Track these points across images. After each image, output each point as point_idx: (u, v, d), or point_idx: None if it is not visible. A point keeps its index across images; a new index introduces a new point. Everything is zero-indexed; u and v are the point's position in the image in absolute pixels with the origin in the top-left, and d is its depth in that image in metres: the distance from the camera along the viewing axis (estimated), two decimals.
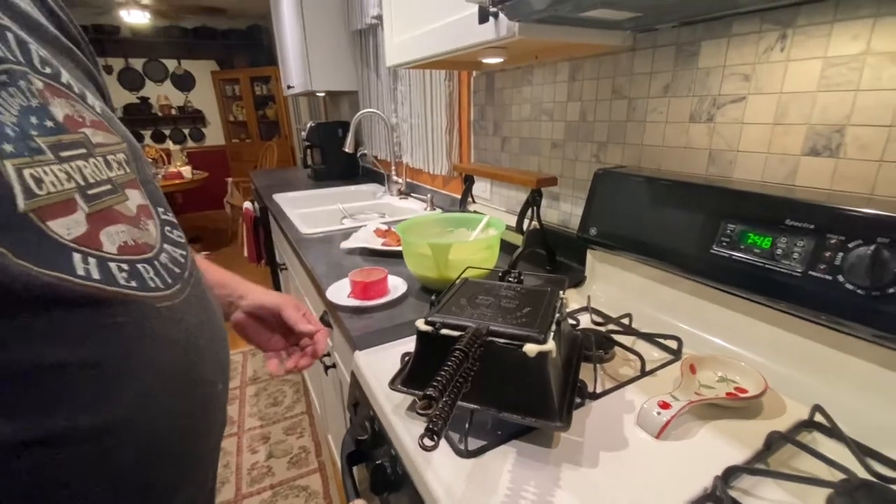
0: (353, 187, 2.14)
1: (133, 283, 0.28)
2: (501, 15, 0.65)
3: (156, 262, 0.31)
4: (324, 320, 1.03)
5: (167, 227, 0.35)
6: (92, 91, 0.34)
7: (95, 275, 0.26)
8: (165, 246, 0.33)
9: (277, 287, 2.39)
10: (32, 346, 0.23)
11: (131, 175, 0.33)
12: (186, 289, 0.34)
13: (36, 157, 0.25)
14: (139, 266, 0.29)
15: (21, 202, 0.23)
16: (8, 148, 0.24)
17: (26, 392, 0.23)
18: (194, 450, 0.34)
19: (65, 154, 0.27)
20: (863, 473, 0.42)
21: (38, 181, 0.25)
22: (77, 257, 0.25)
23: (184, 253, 0.36)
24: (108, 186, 0.30)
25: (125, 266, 0.28)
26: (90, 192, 0.28)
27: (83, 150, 0.29)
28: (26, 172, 0.24)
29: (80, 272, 0.25)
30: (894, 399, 0.49)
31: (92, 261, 0.26)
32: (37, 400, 0.23)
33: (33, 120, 0.26)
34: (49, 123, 0.27)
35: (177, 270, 0.33)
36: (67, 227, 0.26)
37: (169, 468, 0.31)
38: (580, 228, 0.85)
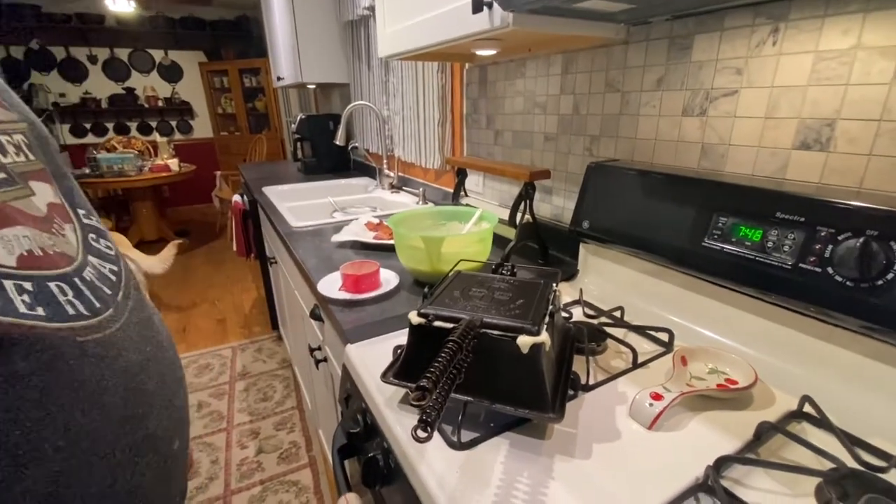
0: (343, 181, 2.12)
1: (40, 311, 0.20)
2: (495, 5, 0.65)
3: (76, 280, 0.23)
4: (314, 314, 1.02)
5: (91, 235, 0.27)
6: None
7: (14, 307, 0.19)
8: (90, 258, 0.25)
9: (268, 282, 2.37)
10: None
11: (36, 164, 0.25)
12: (122, 315, 0.25)
13: None
14: (51, 285, 0.21)
15: None
16: None
17: None
18: (158, 481, 0.27)
19: None
20: (851, 463, 0.43)
21: None
22: (17, 275, 0.19)
23: (115, 268, 0.27)
24: (3, 175, 0.22)
25: (28, 286, 0.20)
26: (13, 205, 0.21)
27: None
28: None
29: (20, 292, 0.19)
30: (881, 389, 0.49)
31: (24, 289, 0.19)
32: None
33: None
34: None
35: (107, 291, 0.25)
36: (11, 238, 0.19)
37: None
38: (573, 222, 0.85)
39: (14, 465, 0.18)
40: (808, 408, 0.51)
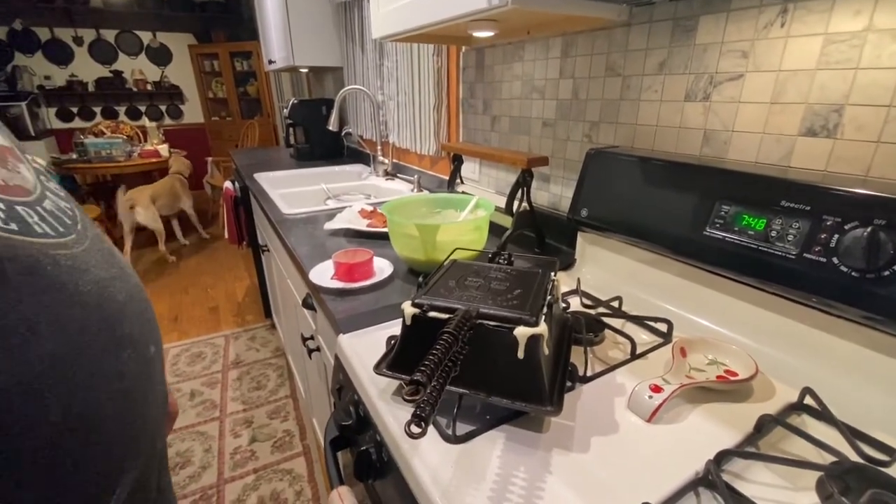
0: (337, 167, 2.08)
1: (13, 226, 0.23)
2: None
3: (38, 208, 0.25)
4: (307, 303, 1.00)
5: (42, 177, 0.29)
6: None
7: None
8: (47, 194, 0.28)
9: (260, 269, 2.34)
10: None
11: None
12: (85, 241, 0.28)
13: None
14: (18, 209, 0.24)
15: None
16: None
17: None
18: (133, 421, 0.29)
19: None
20: (853, 456, 0.42)
21: None
22: None
23: (69, 206, 0.29)
24: None
25: (1, 206, 0.23)
26: None
27: None
28: None
29: None
30: (884, 382, 0.49)
31: None
32: None
33: None
34: None
35: (67, 221, 0.28)
36: None
37: (107, 442, 0.27)
38: (571, 210, 0.83)
39: (20, 339, 0.21)
40: (809, 400, 0.50)
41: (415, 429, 0.33)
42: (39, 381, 0.22)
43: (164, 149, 3.76)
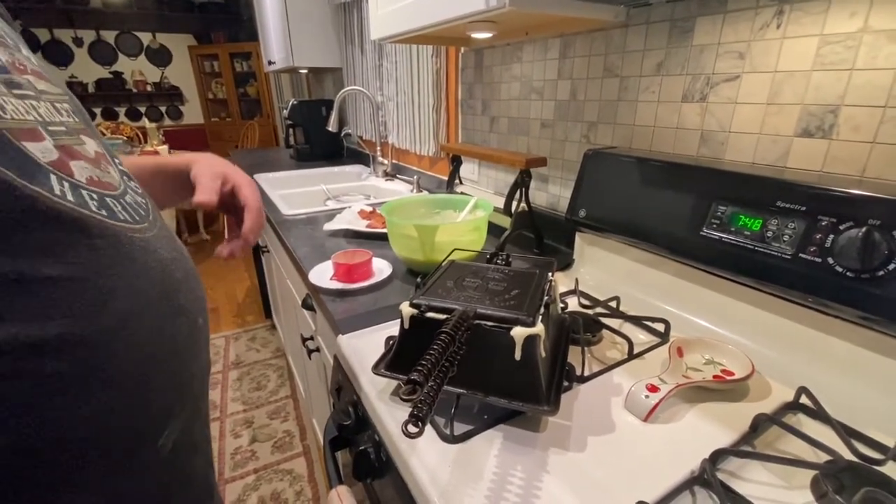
0: (336, 168, 2.08)
1: (103, 212, 0.28)
2: None
3: (122, 201, 0.31)
4: (306, 303, 1.01)
5: (125, 177, 0.35)
6: (25, 47, 0.33)
7: (70, 197, 0.26)
8: (128, 190, 0.33)
9: (260, 270, 2.35)
10: (16, 258, 0.23)
11: (81, 125, 0.32)
12: (154, 228, 0.34)
13: None
14: (107, 199, 0.30)
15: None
16: None
17: (13, 301, 0.23)
18: (182, 374, 0.34)
19: (17, 92, 0.27)
20: (848, 455, 0.43)
21: (2, 107, 0.25)
22: (53, 178, 0.25)
23: (144, 201, 0.35)
24: (63, 128, 0.29)
25: (95, 196, 0.28)
26: (49, 128, 0.28)
27: (32, 93, 0.28)
28: None
29: (57, 192, 0.25)
30: (879, 381, 0.49)
31: (66, 184, 0.26)
32: (26, 309, 0.23)
33: None
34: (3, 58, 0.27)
35: (142, 212, 0.33)
36: (41, 151, 0.26)
37: (161, 387, 0.32)
38: (569, 210, 0.84)
39: (105, 296, 0.27)
40: (804, 399, 0.50)
41: (412, 428, 0.33)
42: (115, 331, 0.27)
43: (164, 150, 3.76)
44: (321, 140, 2.29)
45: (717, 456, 0.43)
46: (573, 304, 0.76)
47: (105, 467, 0.28)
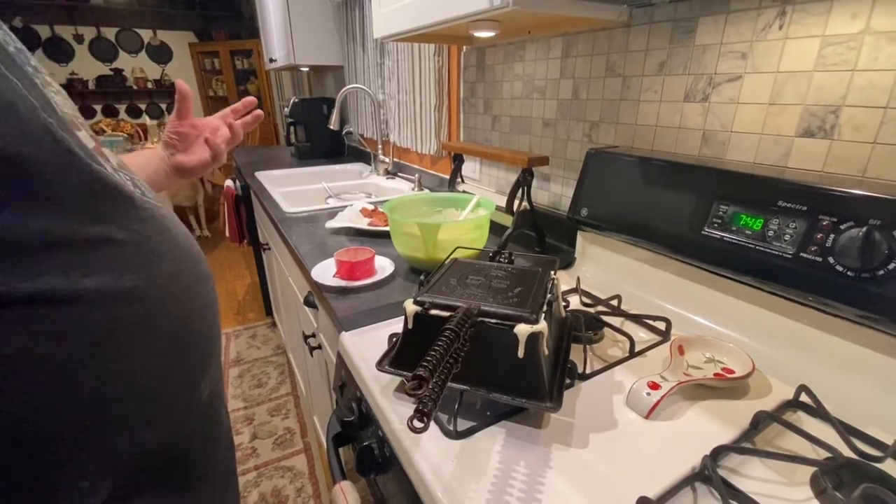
0: (338, 166, 2.09)
1: (137, 190, 0.32)
2: None
3: (140, 183, 0.35)
4: (308, 301, 1.01)
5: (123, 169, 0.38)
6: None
7: (116, 176, 0.30)
8: (134, 178, 0.36)
9: (261, 267, 2.35)
10: (95, 223, 0.27)
11: (79, 120, 0.35)
12: (161, 208, 0.37)
13: (46, 84, 0.28)
14: (136, 179, 0.34)
15: (57, 108, 0.27)
16: (30, 70, 0.27)
17: (99, 258, 0.27)
18: (212, 330, 0.39)
19: (50, 89, 0.29)
20: (847, 452, 0.43)
21: (54, 101, 0.28)
22: (101, 159, 0.29)
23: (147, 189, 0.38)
24: (81, 121, 0.32)
25: (127, 177, 0.32)
26: (77, 120, 0.30)
27: (54, 88, 0.31)
28: (48, 91, 0.28)
29: (108, 170, 0.29)
30: (878, 379, 0.49)
31: (108, 165, 0.30)
32: (107, 265, 0.27)
33: (23, 58, 0.28)
34: (33, 63, 0.30)
35: (151, 193, 0.36)
36: (84, 139, 0.29)
37: (198, 340, 0.36)
38: (571, 209, 0.84)
39: (158, 256, 0.32)
40: (804, 397, 0.51)
41: (417, 423, 0.34)
42: (163, 288, 0.31)
43: None
44: (322, 138, 2.29)
45: (718, 452, 0.43)
46: (575, 302, 0.76)
47: (165, 405, 0.32)
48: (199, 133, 0.68)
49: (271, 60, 2.48)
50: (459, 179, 1.21)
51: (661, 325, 0.66)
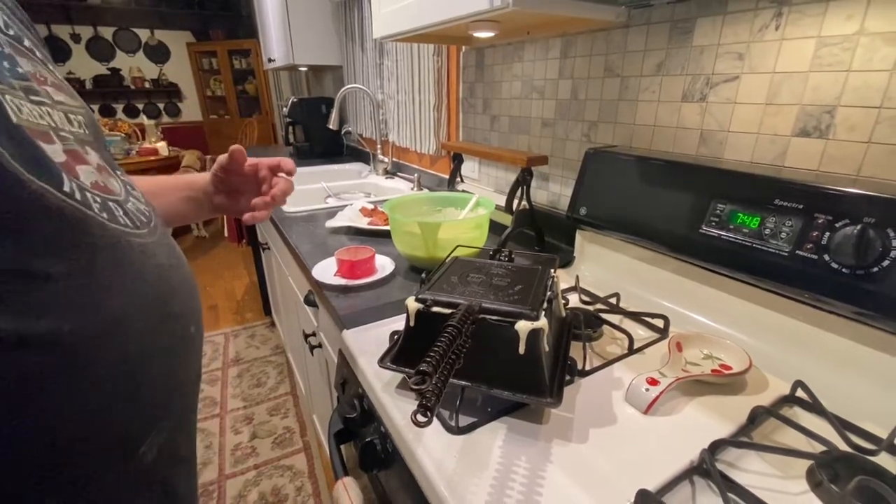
0: (337, 166, 2.09)
1: (105, 215, 0.29)
2: None
3: (124, 206, 0.32)
4: (308, 300, 1.01)
5: (128, 186, 0.35)
6: (52, 63, 0.34)
7: (77, 196, 0.27)
8: (131, 199, 0.34)
9: (260, 268, 2.35)
10: (19, 252, 0.23)
11: (90, 137, 0.33)
12: (155, 235, 0.34)
13: (11, 91, 0.26)
14: (110, 203, 0.30)
15: (13, 116, 0.24)
16: None
17: (10, 294, 0.23)
18: (170, 381, 0.34)
19: (34, 98, 0.28)
20: (842, 446, 0.44)
21: (19, 108, 0.25)
22: (64, 176, 0.26)
23: (147, 210, 0.35)
24: (72, 137, 0.30)
25: (98, 199, 0.29)
26: (60, 133, 0.29)
27: (48, 101, 0.29)
28: (7, 97, 0.25)
29: (66, 189, 0.26)
30: (873, 375, 0.50)
31: (74, 184, 0.27)
32: (25, 303, 0.23)
33: (5, 64, 0.27)
34: (20, 69, 0.28)
35: (143, 219, 0.34)
36: (52, 152, 0.26)
37: (148, 393, 0.31)
38: (570, 208, 0.85)
39: (100, 295, 0.27)
40: (800, 392, 0.52)
41: (421, 418, 0.34)
42: (103, 331, 0.27)
43: (162, 147, 3.75)
44: (321, 138, 2.29)
45: (716, 446, 0.44)
46: (574, 300, 0.77)
47: (81, 472, 0.27)
48: (246, 182, 0.62)
49: (270, 60, 2.48)
50: (459, 179, 1.22)
51: (660, 323, 0.67)
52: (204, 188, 0.62)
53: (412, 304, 0.52)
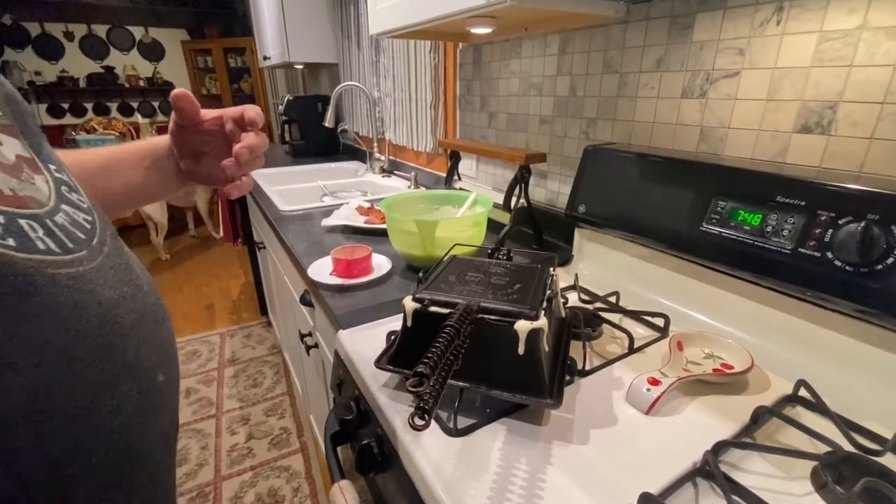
0: (333, 164, 2.07)
1: (10, 241, 0.21)
2: None
3: (48, 222, 0.24)
4: (304, 300, 1.00)
5: (64, 187, 0.27)
6: None
7: None
8: (63, 206, 0.26)
9: (256, 267, 2.33)
10: None
11: (4, 120, 0.27)
12: (98, 257, 0.26)
13: None
14: (21, 222, 0.22)
15: None
16: None
17: None
18: (127, 458, 0.26)
19: None
20: (847, 446, 0.43)
21: None
22: None
23: (89, 218, 0.28)
24: None
25: (1, 219, 0.21)
26: None
27: None
28: None
29: None
30: (877, 374, 0.49)
31: None
32: None
33: None
34: None
35: (81, 235, 0.26)
36: None
37: (93, 484, 0.24)
38: (568, 206, 0.84)
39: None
40: (803, 392, 0.51)
41: (418, 421, 0.33)
42: (15, 419, 0.20)
43: None
44: (317, 136, 2.27)
45: (719, 448, 0.43)
46: (573, 299, 0.76)
47: None
48: (212, 141, 0.51)
49: (265, 58, 2.46)
50: (456, 177, 1.21)
51: (660, 322, 0.66)
52: (169, 153, 0.51)
53: (409, 304, 0.51)
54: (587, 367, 0.57)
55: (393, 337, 0.59)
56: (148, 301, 0.30)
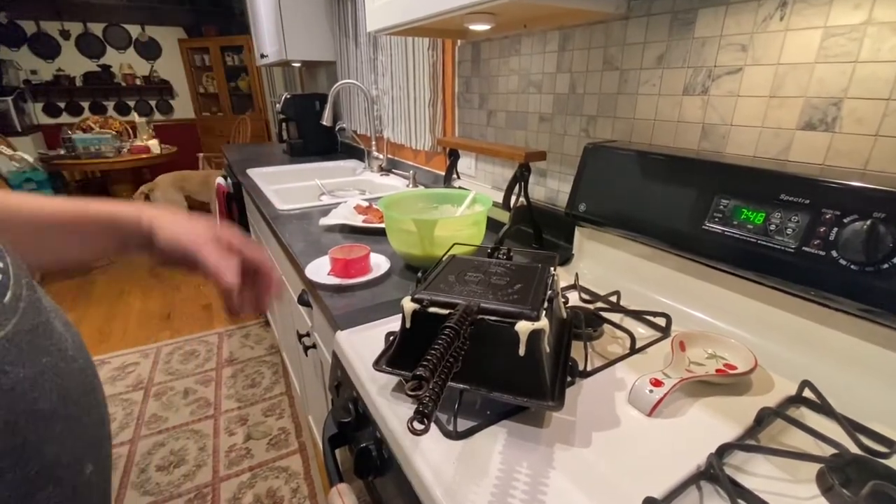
0: (331, 163, 2.06)
1: None
2: None
3: None
4: (302, 299, 0.99)
5: None
6: None
7: None
8: None
9: None
10: None
11: None
12: (9, 322, 0.21)
13: None
14: None
15: None
16: None
17: None
18: None
19: None
20: (853, 448, 0.42)
21: None
22: None
23: (0, 265, 0.22)
24: None
25: None
26: None
27: None
28: None
29: None
30: (883, 375, 0.49)
31: None
32: None
33: None
34: None
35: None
36: None
37: None
38: (569, 205, 0.83)
39: None
40: (808, 393, 0.50)
41: (418, 425, 0.32)
42: None
43: (154, 144, 3.71)
44: (315, 135, 2.26)
45: (724, 450, 0.43)
46: (574, 298, 0.76)
47: None
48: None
49: (262, 56, 2.44)
50: (455, 175, 1.20)
51: (662, 321, 0.66)
52: (134, 238, 0.42)
53: (408, 305, 0.50)
54: (588, 368, 0.57)
55: (392, 338, 0.58)
56: (73, 368, 0.24)
